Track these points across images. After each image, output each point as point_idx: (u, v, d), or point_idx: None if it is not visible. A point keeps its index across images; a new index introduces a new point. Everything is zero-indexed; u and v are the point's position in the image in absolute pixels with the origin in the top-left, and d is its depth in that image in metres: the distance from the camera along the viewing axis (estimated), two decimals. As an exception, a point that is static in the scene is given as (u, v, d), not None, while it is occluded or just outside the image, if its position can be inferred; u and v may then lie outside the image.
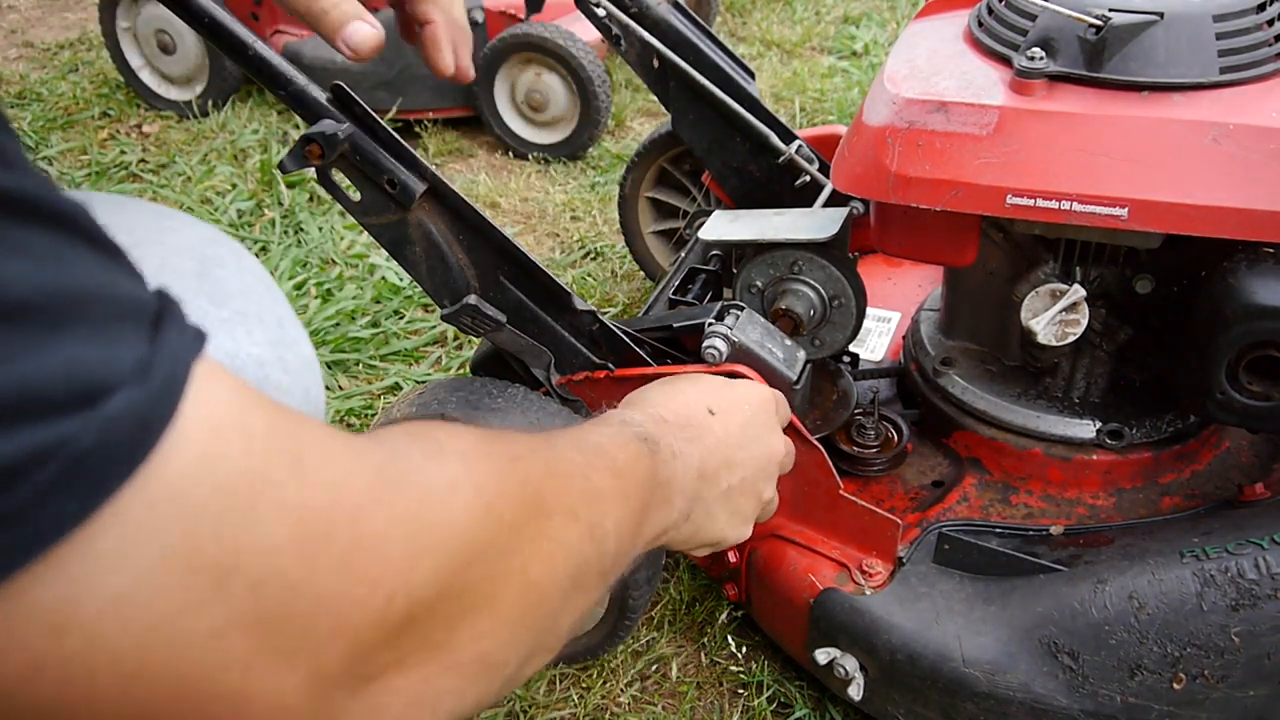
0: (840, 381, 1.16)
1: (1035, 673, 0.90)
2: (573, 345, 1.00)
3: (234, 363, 0.58)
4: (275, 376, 0.61)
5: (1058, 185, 0.89)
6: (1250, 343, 0.88)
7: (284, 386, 0.61)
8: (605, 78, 2.20)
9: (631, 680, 1.13)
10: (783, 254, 1.08)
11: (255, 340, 0.60)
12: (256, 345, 0.60)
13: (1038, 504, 1.06)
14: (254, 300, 0.62)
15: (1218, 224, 0.86)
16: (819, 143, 1.40)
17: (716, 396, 0.84)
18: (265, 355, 0.60)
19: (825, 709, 1.08)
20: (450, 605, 0.44)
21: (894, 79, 0.99)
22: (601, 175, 2.23)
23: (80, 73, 2.78)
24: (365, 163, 0.87)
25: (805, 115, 2.47)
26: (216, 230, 0.66)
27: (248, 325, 0.60)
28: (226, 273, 0.62)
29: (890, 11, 3.08)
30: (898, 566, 1.00)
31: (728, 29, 3.03)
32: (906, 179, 0.94)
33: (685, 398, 0.82)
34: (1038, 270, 1.05)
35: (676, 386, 0.84)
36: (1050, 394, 1.10)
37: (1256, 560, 0.86)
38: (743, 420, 0.84)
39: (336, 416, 1.52)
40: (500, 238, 0.93)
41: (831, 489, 0.99)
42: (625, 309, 1.77)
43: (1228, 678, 0.86)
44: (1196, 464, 1.08)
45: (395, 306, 1.78)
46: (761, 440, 0.85)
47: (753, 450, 0.83)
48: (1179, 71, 0.90)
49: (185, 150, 2.35)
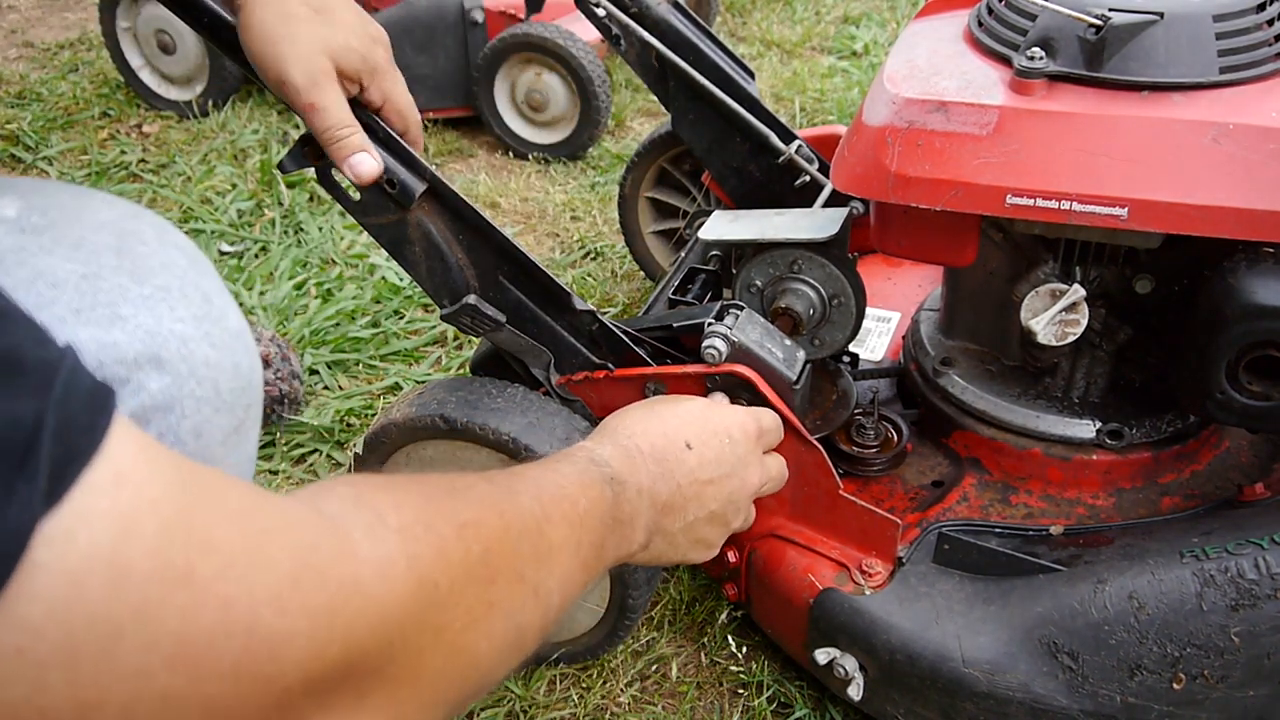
0: (840, 381, 1.16)
1: (1035, 673, 0.90)
2: (572, 345, 1.00)
3: (155, 340, 0.57)
4: (202, 352, 0.60)
5: (1057, 185, 0.89)
6: (1250, 342, 0.88)
7: (211, 361, 0.60)
8: (605, 78, 2.20)
9: (631, 680, 1.13)
10: (782, 253, 1.09)
11: (179, 316, 0.59)
12: (180, 321, 0.59)
13: (1037, 504, 1.06)
14: (176, 275, 0.61)
15: (1217, 224, 0.86)
16: (819, 143, 1.40)
17: (697, 428, 0.83)
18: (189, 331, 0.59)
19: (825, 709, 1.08)
20: (363, 681, 0.44)
21: (894, 79, 0.99)
22: (601, 175, 2.23)
23: (80, 73, 2.78)
24: (365, 162, 0.87)
25: (805, 115, 2.47)
26: (138, 207, 0.65)
27: (170, 301, 0.59)
28: (147, 249, 0.61)
29: (890, 11, 3.08)
30: (897, 566, 1.00)
31: (728, 29, 3.03)
32: (906, 179, 0.94)
33: (665, 427, 0.82)
34: (1037, 270, 1.05)
35: (659, 414, 0.84)
36: (1050, 394, 1.10)
37: (1256, 560, 0.86)
38: (720, 453, 0.84)
39: (337, 416, 1.52)
40: (500, 238, 0.93)
41: (831, 489, 0.99)
42: (625, 309, 1.77)
43: (1227, 678, 0.86)
44: (1196, 464, 1.08)
45: (395, 306, 1.78)
46: (736, 475, 0.85)
47: (726, 484, 0.84)
48: (1179, 71, 0.90)
49: (185, 150, 2.35)
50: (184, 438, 0.58)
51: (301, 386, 1.54)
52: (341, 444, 1.50)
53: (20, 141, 2.39)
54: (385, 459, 1.05)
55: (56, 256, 0.56)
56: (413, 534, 0.49)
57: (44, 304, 0.53)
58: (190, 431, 0.59)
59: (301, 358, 1.63)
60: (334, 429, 1.51)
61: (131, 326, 0.56)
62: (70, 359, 0.36)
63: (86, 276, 0.56)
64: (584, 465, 0.71)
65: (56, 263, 0.55)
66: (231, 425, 0.63)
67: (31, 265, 0.54)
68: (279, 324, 1.72)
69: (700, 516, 0.82)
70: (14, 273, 0.54)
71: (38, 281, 0.54)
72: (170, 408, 0.57)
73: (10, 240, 0.55)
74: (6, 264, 0.54)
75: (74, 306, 0.54)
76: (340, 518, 0.46)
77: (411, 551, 0.48)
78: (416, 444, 1.02)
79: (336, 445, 1.49)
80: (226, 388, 0.61)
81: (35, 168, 2.31)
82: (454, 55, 2.31)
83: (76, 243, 0.58)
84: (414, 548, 0.48)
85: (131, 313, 0.57)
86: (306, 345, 1.67)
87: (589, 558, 0.65)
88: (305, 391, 1.58)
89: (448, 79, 2.34)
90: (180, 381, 0.58)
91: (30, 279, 0.54)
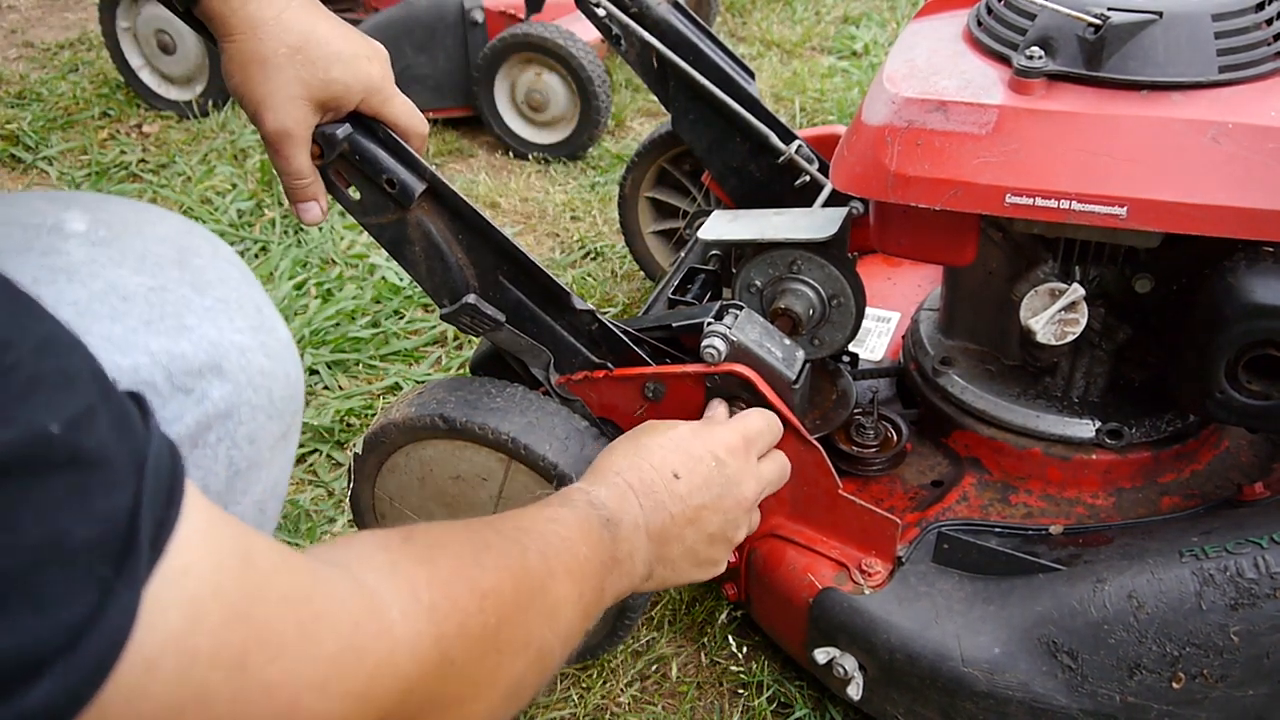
0: (839, 381, 1.16)
1: (1034, 672, 0.90)
2: (572, 345, 1.00)
3: (218, 351, 0.60)
4: (258, 362, 0.62)
5: (1057, 184, 0.89)
6: (1249, 342, 0.88)
7: (267, 371, 0.63)
8: (605, 78, 2.20)
9: (631, 680, 1.13)
10: (782, 253, 1.09)
11: (237, 327, 0.62)
12: (239, 332, 0.62)
13: (1037, 503, 1.06)
14: (232, 287, 0.64)
15: (1217, 223, 0.86)
16: (819, 143, 1.40)
17: (682, 455, 0.85)
18: (247, 342, 0.62)
19: (825, 709, 1.08)
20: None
21: (893, 78, 0.99)
22: (601, 175, 2.23)
23: (80, 73, 2.78)
24: (364, 162, 0.87)
25: (805, 115, 2.47)
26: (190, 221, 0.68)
27: (229, 313, 0.62)
28: (203, 261, 0.64)
29: (890, 11, 3.08)
30: (897, 566, 1.00)
31: (728, 29, 3.03)
32: (906, 178, 0.94)
33: (651, 460, 0.84)
34: (1037, 269, 1.05)
35: (644, 446, 0.86)
36: (1050, 393, 1.10)
37: (1256, 560, 0.86)
38: (708, 477, 0.85)
39: (337, 416, 1.52)
40: (499, 237, 0.93)
41: (830, 489, 1.00)
42: (625, 309, 1.77)
43: (1227, 677, 0.86)
44: (1196, 464, 1.08)
45: (395, 306, 1.78)
46: (729, 494, 0.86)
47: (720, 505, 0.85)
48: (1178, 70, 0.90)
49: (185, 150, 2.35)
50: (240, 443, 0.61)
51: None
52: (341, 444, 1.50)
53: (20, 141, 2.39)
54: (385, 459, 1.05)
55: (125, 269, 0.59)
56: (442, 612, 0.53)
57: (118, 316, 0.56)
58: (245, 437, 0.62)
59: (301, 358, 1.63)
60: (334, 429, 1.51)
61: (196, 337, 0.59)
62: (152, 442, 0.38)
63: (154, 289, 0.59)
64: (583, 509, 0.75)
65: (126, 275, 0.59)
66: (280, 431, 0.66)
67: (104, 278, 0.57)
68: (279, 324, 1.72)
69: (699, 540, 0.84)
70: (89, 284, 0.57)
71: (110, 294, 0.57)
72: (230, 414, 0.60)
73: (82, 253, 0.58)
74: (81, 275, 0.57)
75: (145, 319, 0.57)
76: (379, 593, 0.50)
77: (439, 631, 0.52)
78: (416, 444, 1.02)
79: (336, 445, 1.49)
80: (279, 395, 0.64)
81: (35, 168, 2.31)
82: (454, 55, 2.31)
83: (142, 255, 0.60)
84: (442, 626, 0.52)
85: (196, 323, 0.59)
86: (306, 345, 1.67)
87: (590, 604, 0.70)
88: (305, 391, 1.58)
89: (448, 79, 2.34)
90: (239, 390, 0.61)
91: (105, 291, 0.57)
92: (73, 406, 0.34)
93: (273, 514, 0.69)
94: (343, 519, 1.36)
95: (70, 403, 0.34)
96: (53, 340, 0.35)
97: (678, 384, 0.98)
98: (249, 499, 0.64)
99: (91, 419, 0.35)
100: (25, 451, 0.32)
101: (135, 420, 0.38)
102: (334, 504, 1.39)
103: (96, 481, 0.35)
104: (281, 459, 0.68)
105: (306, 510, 1.37)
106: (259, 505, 0.65)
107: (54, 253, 0.58)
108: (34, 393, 0.33)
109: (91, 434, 0.35)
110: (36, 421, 0.33)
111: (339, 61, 0.81)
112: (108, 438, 0.36)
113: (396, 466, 1.05)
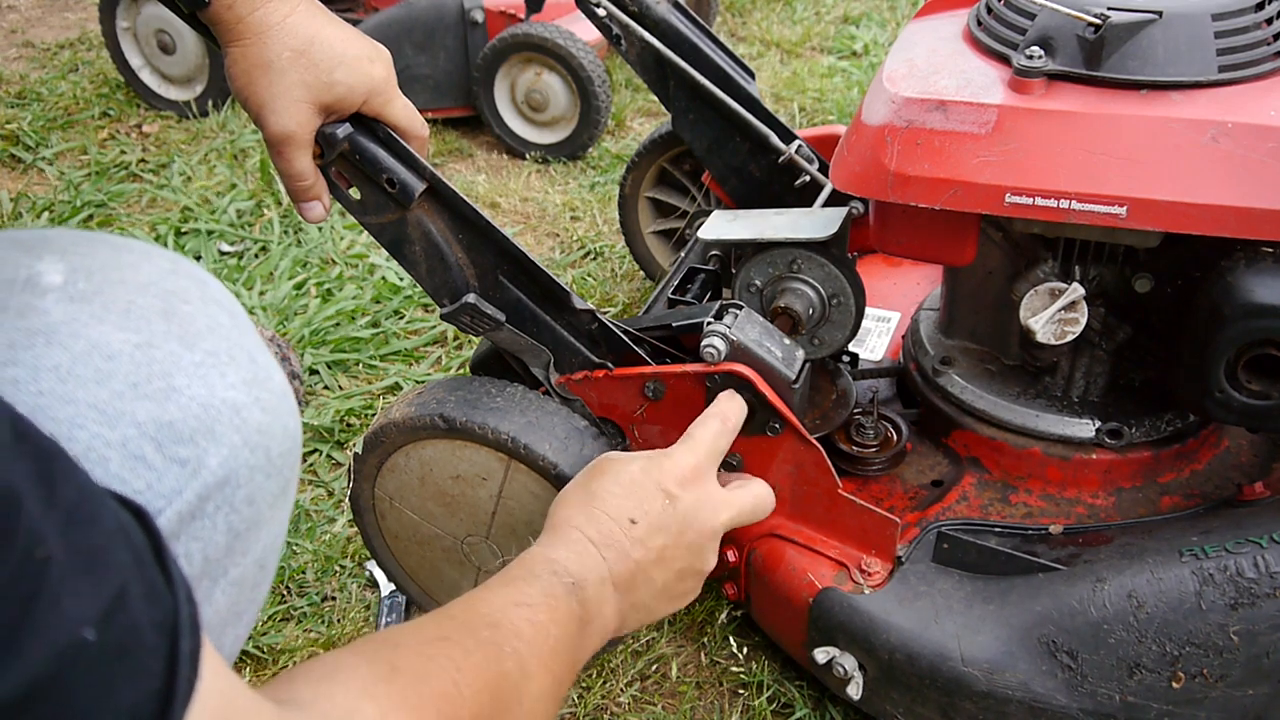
0: (839, 381, 1.16)
1: (1034, 672, 0.90)
2: (572, 344, 1.00)
3: (209, 413, 0.57)
4: (254, 419, 0.59)
5: (1056, 184, 0.89)
6: (1249, 341, 0.88)
7: (263, 427, 0.60)
8: (605, 78, 2.20)
9: (631, 680, 1.13)
10: (782, 253, 1.09)
11: (230, 383, 0.59)
12: (232, 388, 0.59)
13: (1037, 503, 1.06)
14: (223, 336, 0.61)
15: (1216, 222, 0.86)
16: (819, 143, 1.40)
17: (635, 499, 0.83)
18: (241, 399, 0.59)
19: (825, 709, 1.08)
20: None
21: (893, 78, 0.99)
22: (601, 175, 2.23)
23: (80, 73, 2.78)
24: (365, 162, 0.88)
25: (805, 115, 2.47)
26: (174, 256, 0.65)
27: (220, 367, 0.59)
28: (191, 308, 0.61)
29: (890, 11, 3.08)
30: (897, 565, 1.00)
31: (728, 29, 3.03)
32: (905, 178, 0.94)
33: (605, 508, 0.82)
34: (1037, 269, 1.05)
35: (595, 495, 0.83)
36: (1049, 393, 1.10)
37: (1255, 559, 0.86)
38: (663, 518, 0.83)
39: (336, 416, 1.52)
40: (499, 237, 0.93)
41: (830, 488, 1.00)
42: (625, 309, 1.77)
43: (1226, 676, 0.86)
44: (1196, 463, 1.08)
45: (395, 306, 1.78)
46: (690, 528, 0.84)
47: (682, 540, 0.84)
48: (1178, 70, 0.90)
49: (185, 150, 2.35)
50: (239, 506, 0.59)
51: (301, 386, 1.54)
52: (341, 444, 1.50)
53: (20, 141, 2.39)
54: (385, 458, 1.05)
55: (108, 325, 0.55)
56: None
57: (103, 378, 0.53)
58: (244, 500, 0.59)
59: (301, 358, 1.63)
60: (334, 429, 1.51)
61: (185, 399, 0.56)
62: (180, 610, 0.38)
63: (140, 345, 0.56)
64: (547, 581, 0.74)
65: (109, 331, 0.55)
66: (280, 488, 0.63)
67: (86, 337, 0.54)
68: (279, 324, 1.72)
69: (668, 578, 0.83)
70: (70, 346, 0.53)
71: (94, 355, 0.54)
72: (227, 480, 0.58)
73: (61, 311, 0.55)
74: (61, 336, 0.53)
75: (131, 380, 0.54)
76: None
77: None
78: (416, 443, 1.02)
79: (336, 445, 1.49)
80: (276, 452, 0.61)
81: (35, 168, 2.31)
82: (454, 55, 2.31)
83: (126, 308, 0.57)
84: None
85: (185, 383, 0.56)
86: (306, 345, 1.67)
87: (565, 681, 0.71)
88: (305, 391, 1.58)
89: (448, 79, 2.34)
90: (235, 452, 0.58)
91: (87, 352, 0.53)
92: (106, 594, 0.34)
93: (272, 567, 0.66)
94: (343, 519, 1.36)
95: (103, 591, 0.34)
96: (79, 507, 0.34)
97: (678, 383, 0.98)
98: (249, 559, 0.61)
99: (124, 602, 0.35)
100: (59, 668, 0.32)
101: (160, 585, 0.37)
102: (334, 504, 1.39)
103: (126, 671, 0.35)
104: (281, 514, 0.66)
105: (306, 510, 1.37)
106: (259, 563, 0.63)
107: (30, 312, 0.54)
108: (65, 593, 0.32)
109: (126, 615, 0.34)
110: (71, 627, 0.32)
111: (342, 64, 0.81)
112: (140, 618, 0.35)
113: (396, 466, 1.05)
